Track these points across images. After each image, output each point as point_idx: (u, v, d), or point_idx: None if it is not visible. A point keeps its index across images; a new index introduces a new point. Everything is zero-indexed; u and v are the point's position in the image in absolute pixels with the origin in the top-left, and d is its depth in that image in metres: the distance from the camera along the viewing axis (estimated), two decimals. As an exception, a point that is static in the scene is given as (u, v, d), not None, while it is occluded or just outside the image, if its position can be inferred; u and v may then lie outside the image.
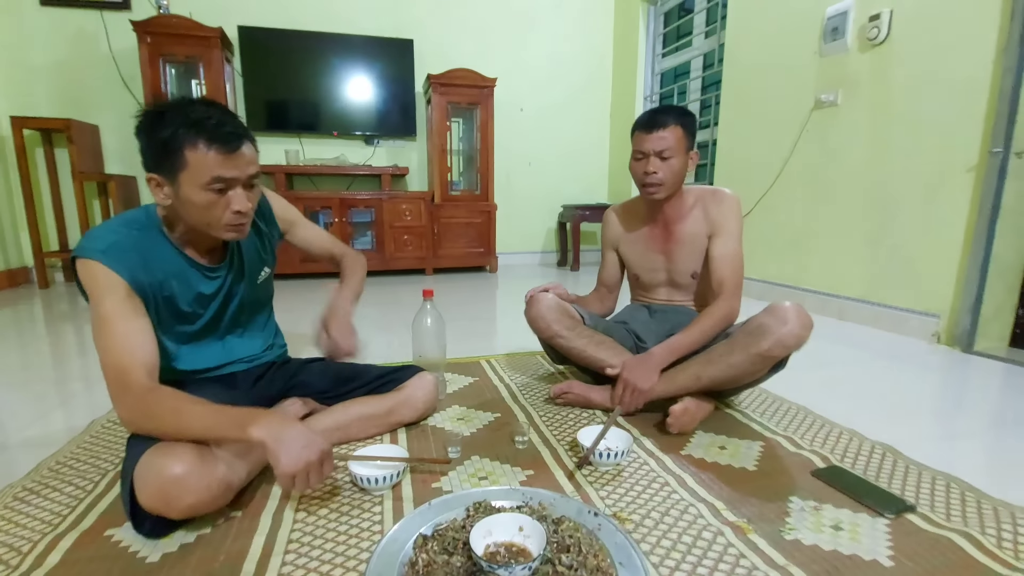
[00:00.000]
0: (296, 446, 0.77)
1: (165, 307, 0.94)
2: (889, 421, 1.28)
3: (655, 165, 1.27)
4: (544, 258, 4.33)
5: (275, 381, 1.15)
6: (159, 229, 0.93)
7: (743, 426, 1.22)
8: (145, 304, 0.88)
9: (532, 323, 1.39)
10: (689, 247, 1.36)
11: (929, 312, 2.01)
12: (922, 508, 0.90)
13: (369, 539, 0.81)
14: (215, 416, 0.79)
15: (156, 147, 0.84)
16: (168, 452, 0.76)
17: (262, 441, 0.76)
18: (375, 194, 3.49)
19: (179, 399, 0.81)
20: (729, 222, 1.31)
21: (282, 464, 0.76)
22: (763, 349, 1.12)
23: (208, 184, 0.85)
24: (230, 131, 0.85)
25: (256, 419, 0.77)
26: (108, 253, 0.84)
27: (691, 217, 1.35)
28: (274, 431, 0.77)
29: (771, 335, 1.11)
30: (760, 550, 0.79)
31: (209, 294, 0.99)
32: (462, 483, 0.98)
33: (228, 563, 0.75)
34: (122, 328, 0.82)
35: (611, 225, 1.51)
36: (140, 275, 0.87)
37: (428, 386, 1.20)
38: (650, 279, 1.45)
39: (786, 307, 1.14)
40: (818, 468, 1.03)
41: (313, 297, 2.87)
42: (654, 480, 0.99)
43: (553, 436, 1.17)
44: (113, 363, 0.81)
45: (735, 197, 1.33)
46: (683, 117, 1.28)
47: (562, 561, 0.72)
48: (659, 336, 1.36)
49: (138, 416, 0.80)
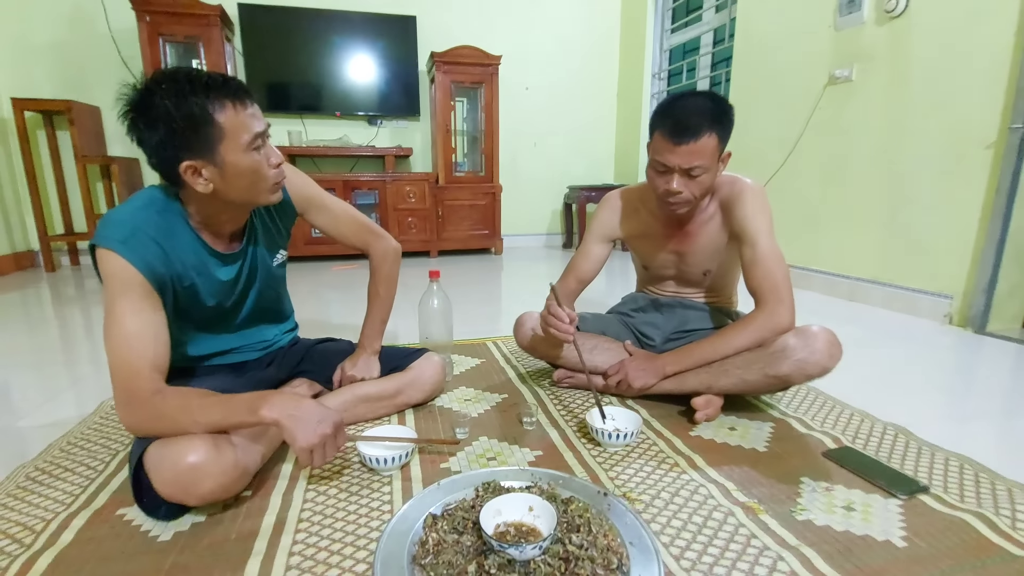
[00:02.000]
0: (311, 421, 0.77)
1: (184, 297, 0.90)
2: (901, 402, 1.27)
3: (681, 184, 1.05)
4: (549, 240, 4.30)
5: (283, 366, 1.14)
6: (178, 211, 0.88)
7: (753, 407, 1.21)
8: (162, 295, 0.84)
9: (524, 347, 1.32)
10: (705, 248, 1.21)
11: (942, 293, 1.98)
12: (935, 489, 0.89)
13: (379, 518, 0.81)
14: (224, 406, 0.77)
15: (182, 129, 0.77)
16: (180, 440, 0.75)
17: (276, 421, 0.75)
18: (379, 176, 3.46)
19: (185, 396, 0.78)
20: (756, 221, 1.11)
21: (299, 440, 0.76)
22: (782, 373, 1.04)
23: (251, 144, 0.82)
24: (239, 85, 0.82)
25: (266, 400, 0.77)
26: (127, 243, 0.79)
27: (712, 222, 1.19)
28: (287, 409, 0.76)
29: (793, 360, 1.02)
30: (771, 530, 0.78)
31: (228, 281, 0.96)
32: (470, 464, 0.97)
33: (239, 541, 0.75)
34: (133, 327, 0.78)
35: (611, 213, 1.30)
36: (159, 267, 0.82)
37: (435, 367, 1.20)
38: (658, 274, 1.33)
39: (816, 333, 1.04)
40: (829, 449, 1.02)
41: (323, 280, 2.86)
42: (663, 461, 0.98)
43: (561, 417, 1.16)
44: (120, 364, 0.77)
45: (758, 189, 1.14)
46: (721, 118, 1.04)
47: (572, 541, 0.72)
48: (666, 333, 1.30)
49: (144, 420, 0.77)
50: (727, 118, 1.06)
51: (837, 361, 1.04)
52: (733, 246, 1.17)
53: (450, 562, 0.68)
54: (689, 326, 1.29)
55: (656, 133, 1.07)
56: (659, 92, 3.88)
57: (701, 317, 1.30)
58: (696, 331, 1.27)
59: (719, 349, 1.11)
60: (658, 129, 1.06)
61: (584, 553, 0.70)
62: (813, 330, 1.05)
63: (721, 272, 1.27)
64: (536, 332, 1.27)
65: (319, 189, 1.11)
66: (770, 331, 1.07)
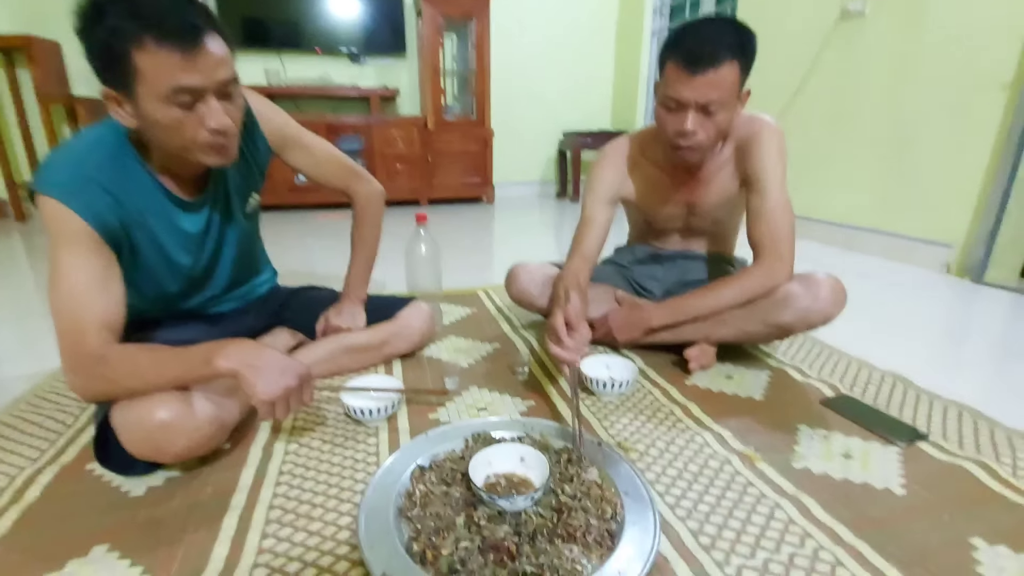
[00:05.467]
0: (272, 371, 0.71)
1: (149, 256, 0.81)
2: (899, 351, 1.24)
3: (695, 123, 0.93)
4: (543, 189, 4.18)
5: (261, 315, 1.09)
6: (131, 152, 0.76)
7: (749, 355, 1.18)
8: (117, 250, 0.75)
9: (517, 300, 1.27)
10: (717, 198, 1.11)
11: (941, 241, 1.94)
12: (934, 437, 0.87)
13: (364, 470, 0.78)
14: (177, 360, 0.71)
15: (99, 52, 0.66)
16: (147, 397, 0.70)
17: (233, 371, 0.69)
18: (364, 118, 3.29)
19: (133, 357, 0.70)
20: (770, 168, 1.00)
21: (259, 392, 0.70)
22: (784, 321, 1.00)
23: (169, 97, 0.67)
24: (185, 21, 0.65)
25: (222, 350, 0.70)
26: (71, 191, 0.69)
27: (725, 169, 1.08)
28: (245, 358, 0.70)
29: (797, 308, 0.98)
30: (768, 479, 0.76)
31: (195, 233, 0.86)
32: (460, 414, 0.94)
33: (216, 495, 0.72)
34: (79, 281, 0.70)
35: (613, 170, 1.14)
36: (111, 219, 0.72)
37: (423, 316, 1.15)
38: (663, 227, 1.22)
39: (820, 280, 0.98)
40: (827, 397, 1.00)
41: (307, 231, 2.77)
42: (658, 410, 0.96)
43: (554, 367, 1.13)
44: (65, 324, 0.69)
45: (778, 132, 1.02)
46: (743, 46, 0.91)
47: (565, 491, 0.69)
48: (666, 286, 1.23)
49: (94, 386, 0.70)
50: (750, 47, 0.93)
51: (841, 309, 0.99)
52: (743, 192, 1.08)
53: (438, 514, 0.66)
54: (690, 276, 1.23)
55: (668, 64, 0.93)
56: (660, 29, 3.67)
57: (702, 267, 1.24)
58: (696, 282, 1.22)
59: (708, 304, 1.05)
60: (671, 60, 0.93)
61: (577, 504, 0.67)
62: (817, 277, 1.00)
63: (729, 218, 1.19)
64: (528, 290, 1.21)
65: (297, 126, 1.01)
66: (764, 289, 1.01)
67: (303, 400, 0.76)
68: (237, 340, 0.73)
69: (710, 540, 0.65)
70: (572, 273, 1.09)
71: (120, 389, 0.70)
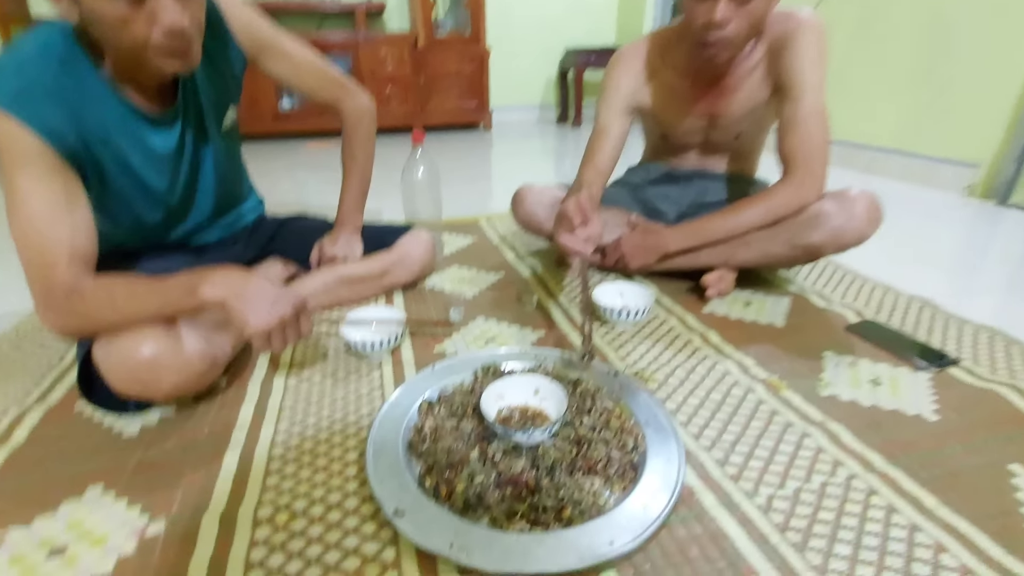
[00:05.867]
0: (263, 301, 0.65)
1: (115, 173, 0.72)
2: (923, 276, 1.18)
3: (727, 10, 0.82)
4: (543, 114, 3.96)
5: (250, 245, 1.01)
6: (83, 57, 0.66)
7: (767, 282, 1.13)
8: (80, 171, 0.67)
9: (523, 224, 1.19)
10: (742, 108, 1.00)
11: (967, 161, 1.83)
12: (965, 362, 0.83)
13: (369, 405, 0.74)
14: (158, 291, 0.65)
15: None
16: (130, 333, 0.64)
17: (220, 301, 0.63)
18: (350, 36, 3.03)
19: (110, 289, 0.64)
20: (808, 70, 0.90)
21: (251, 323, 0.64)
22: (813, 242, 0.92)
23: None
24: None
25: (206, 279, 0.64)
26: (20, 102, 0.60)
27: (755, 74, 0.97)
28: (233, 287, 0.64)
29: (829, 228, 0.90)
30: (795, 407, 0.73)
31: (168, 154, 0.77)
32: (467, 346, 0.90)
33: (215, 434, 0.68)
34: (40, 208, 0.62)
35: (629, 76, 1.04)
36: (65, 129, 0.64)
37: (424, 243, 1.08)
38: (681, 143, 1.12)
39: (855, 196, 0.90)
40: (852, 323, 0.95)
41: (297, 162, 2.62)
42: (676, 338, 0.91)
43: (565, 296, 1.07)
44: (31, 256, 0.63)
45: (819, 29, 0.91)
46: None
47: (583, 423, 0.66)
48: (681, 208, 1.14)
49: (69, 323, 0.65)
50: None
51: (877, 227, 0.92)
52: (774, 100, 0.97)
53: (450, 449, 0.62)
54: (707, 198, 1.14)
55: None
56: (671, -72, 3.31)
57: (720, 187, 1.15)
58: (714, 203, 1.13)
59: (730, 226, 0.98)
60: None
61: (597, 436, 0.63)
62: (852, 194, 0.92)
63: (753, 132, 1.08)
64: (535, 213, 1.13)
65: (273, 29, 0.88)
66: (791, 209, 0.93)
67: (301, 331, 0.70)
68: (224, 268, 0.66)
69: (737, 470, 0.62)
70: (584, 186, 1.01)
71: (98, 324, 0.64)
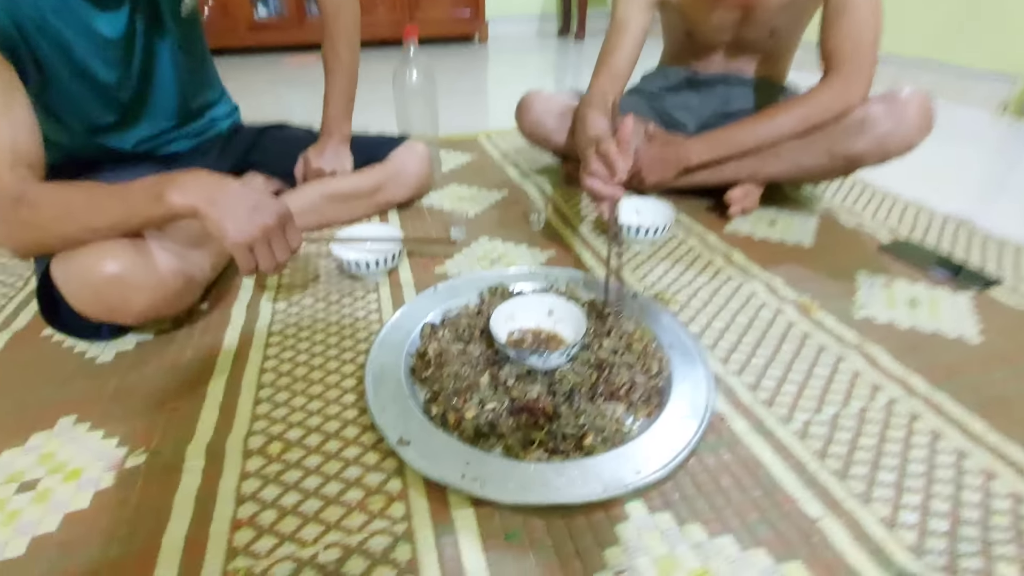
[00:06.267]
0: (241, 208, 0.57)
1: (58, 64, 0.63)
2: (957, 196, 1.10)
3: None
4: (543, 26, 3.65)
5: (225, 156, 0.91)
6: None
7: (791, 199, 1.04)
8: (17, 64, 0.58)
9: (529, 134, 1.08)
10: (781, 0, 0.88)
11: (1004, 73, 1.69)
12: (1008, 283, 0.77)
13: (366, 329, 0.68)
14: (119, 198, 0.56)
15: None
16: (92, 247, 0.56)
17: (191, 207, 0.55)
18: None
19: (66, 196, 0.56)
20: None
21: (230, 234, 0.56)
22: (855, 151, 0.82)
23: None
24: None
25: (174, 182, 0.55)
26: None
27: None
28: (205, 192, 0.55)
29: (875, 134, 0.80)
30: (828, 329, 0.67)
31: (116, 39, 0.67)
32: (472, 266, 0.82)
33: (198, 359, 0.62)
34: None
35: None
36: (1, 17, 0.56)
37: (420, 157, 0.97)
38: (707, 41, 0.99)
39: (906, 99, 0.79)
40: (885, 243, 0.88)
41: (278, 78, 2.41)
42: (697, 258, 0.84)
43: (575, 213, 0.99)
44: None
45: None
46: None
47: (603, 346, 0.60)
48: (702, 118, 1.03)
49: (17, 232, 0.56)
50: None
51: (927, 134, 0.82)
52: None
53: (457, 374, 0.57)
54: (732, 107, 1.03)
55: None
56: None
57: (746, 95, 1.03)
58: (739, 113, 1.02)
59: (761, 134, 0.88)
60: None
61: (619, 359, 0.58)
62: (903, 95, 0.81)
63: (790, 28, 0.94)
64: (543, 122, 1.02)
65: None
66: (834, 113, 0.83)
67: (289, 244, 0.62)
68: (194, 171, 0.57)
69: (769, 395, 0.57)
70: (599, 93, 0.90)
71: (53, 237, 0.56)
